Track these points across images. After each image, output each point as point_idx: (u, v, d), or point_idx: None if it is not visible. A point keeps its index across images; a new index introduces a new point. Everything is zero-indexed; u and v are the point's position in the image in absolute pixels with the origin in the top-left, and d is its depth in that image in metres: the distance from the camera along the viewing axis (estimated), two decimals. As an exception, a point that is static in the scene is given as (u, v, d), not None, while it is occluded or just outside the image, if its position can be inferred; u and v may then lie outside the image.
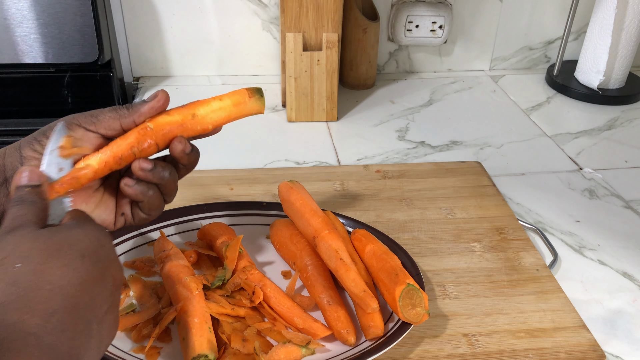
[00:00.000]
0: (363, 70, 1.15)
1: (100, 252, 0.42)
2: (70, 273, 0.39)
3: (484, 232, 0.76)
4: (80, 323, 0.38)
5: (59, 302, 0.37)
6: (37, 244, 0.39)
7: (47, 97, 1.03)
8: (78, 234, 0.42)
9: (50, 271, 0.38)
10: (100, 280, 0.41)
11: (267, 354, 0.54)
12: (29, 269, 0.38)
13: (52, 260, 0.39)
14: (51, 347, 0.36)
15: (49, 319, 0.36)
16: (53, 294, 0.37)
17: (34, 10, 0.95)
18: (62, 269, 0.39)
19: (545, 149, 0.99)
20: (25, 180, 0.45)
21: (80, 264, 0.39)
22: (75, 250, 0.40)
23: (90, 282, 0.40)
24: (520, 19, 1.22)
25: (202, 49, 1.16)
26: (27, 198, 0.44)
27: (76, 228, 0.42)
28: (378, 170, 0.88)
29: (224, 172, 0.85)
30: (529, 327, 0.62)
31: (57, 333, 0.36)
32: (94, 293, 0.40)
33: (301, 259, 0.65)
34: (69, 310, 0.38)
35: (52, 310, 0.37)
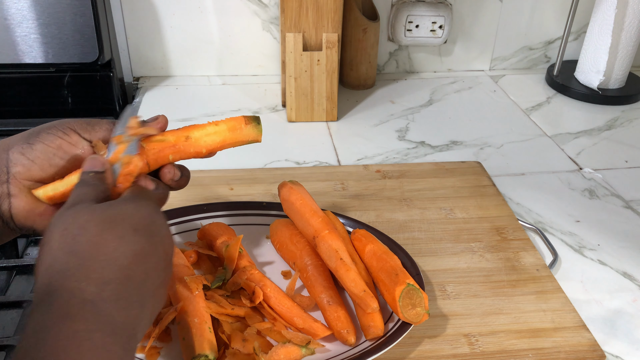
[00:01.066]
0: (363, 70, 1.15)
1: (152, 227, 0.43)
2: (124, 245, 0.40)
3: (484, 232, 0.76)
4: (135, 294, 0.40)
5: (114, 272, 0.39)
6: (93, 217, 0.41)
7: (47, 97, 1.03)
8: (131, 208, 0.43)
9: (105, 242, 0.40)
10: (153, 254, 0.42)
11: (267, 354, 0.54)
12: (86, 239, 0.40)
13: (106, 233, 0.40)
14: (107, 315, 0.37)
15: (104, 287, 0.38)
16: (107, 264, 0.39)
17: (34, 10, 0.95)
18: (115, 241, 0.40)
19: (545, 149, 0.99)
20: (90, 167, 0.48)
21: (132, 237, 0.41)
22: (128, 223, 0.42)
23: (143, 255, 0.41)
24: (520, 19, 1.22)
25: (202, 49, 1.16)
26: (89, 181, 0.47)
27: (130, 203, 0.44)
28: (378, 170, 0.88)
29: (224, 172, 0.85)
30: (529, 327, 0.62)
31: (112, 302, 0.38)
32: (147, 266, 0.41)
33: (301, 259, 0.65)
34: (123, 281, 0.39)
35: (108, 280, 0.38)
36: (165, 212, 0.70)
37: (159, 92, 1.13)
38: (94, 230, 0.40)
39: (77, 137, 0.51)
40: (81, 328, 0.36)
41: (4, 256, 0.74)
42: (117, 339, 0.37)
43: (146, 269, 0.41)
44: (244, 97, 1.12)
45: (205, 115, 1.05)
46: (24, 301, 0.63)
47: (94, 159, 0.49)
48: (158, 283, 0.43)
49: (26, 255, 0.75)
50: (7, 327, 0.62)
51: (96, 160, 0.49)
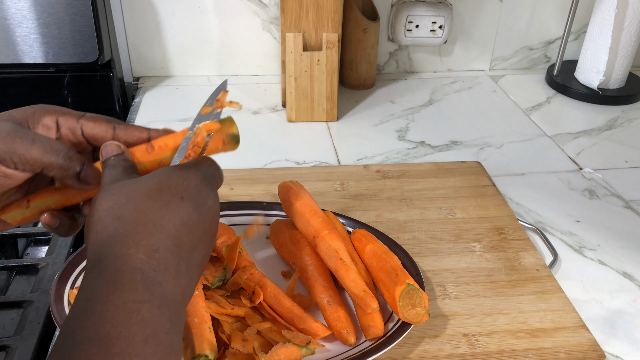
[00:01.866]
0: (363, 70, 1.15)
1: (198, 198, 0.42)
2: (170, 212, 0.39)
3: (484, 232, 0.76)
4: (183, 263, 0.39)
5: (162, 239, 0.38)
6: (138, 186, 0.40)
7: (47, 97, 1.03)
8: (177, 176, 0.42)
9: (152, 210, 0.39)
10: (200, 224, 0.41)
11: (267, 354, 0.54)
12: (133, 206, 0.39)
13: (152, 200, 0.39)
14: (156, 283, 0.36)
15: (152, 254, 0.37)
16: (155, 230, 0.38)
17: (34, 10, 0.95)
18: (162, 208, 0.39)
19: (545, 149, 0.99)
20: (109, 153, 0.47)
21: (178, 205, 0.40)
22: (174, 191, 0.41)
23: (190, 224, 0.40)
24: (520, 19, 1.22)
25: (202, 49, 1.16)
26: (114, 163, 0.45)
27: (176, 171, 0.43)
28: (378, 170, 0.88)
29: (224, 172, 0.84)
30: (529, 327, 0.62)
31: (161, 270, 0.37)
32: (194, 236, 0.40)
33: (301, 259, 0.65)
34: (171, 249, 0.38)
35: (156, 247, 0.38)
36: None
37: (159, 92, 1.13)
38: (140, 198, 0.39)
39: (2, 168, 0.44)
40: (130, 299, 0.35)
41: (4, 256, 0.74)
42: (165, 310, 0.36)
43: (193, 239, 0.40)
44: (244, 97, 1.12)
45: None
46: (24, 301, 0.63)
47: (108, 145, 0.47)
48: (204, 254, 0.42)
49: (26, 255, 0.75)
50: (7, 327, 0.62)
51: (111, 146, 0.47)
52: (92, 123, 0.50)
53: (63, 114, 0.49)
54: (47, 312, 0.61)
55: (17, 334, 0.59)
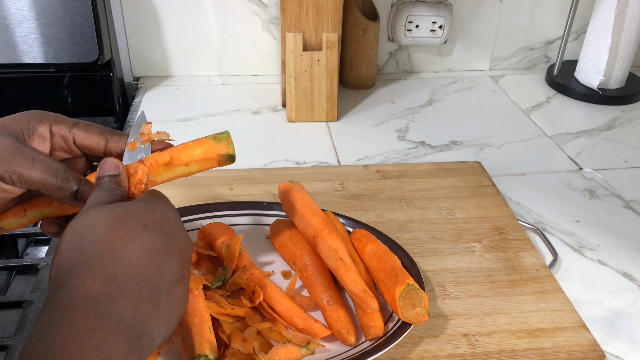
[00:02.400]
0: (363, 70, 1.15)
1: (164, 224, 0.42)
2: (132, 241, 0.40)
3: (484, 232, 0.76)
4: (145, 291, 0.39)
5: (121, 268, 0.38)
6: (101, 216, 0.41)
7: (47, 97, 1.03)
8: (141, 206, 0.43)
9: (112, 239, 0.39)
10: (165, 250, 0.41)
11: (267, 354, 0.54)
12: (93, 237, 0.39)
13: (114, 230, 0.40)
14: (112, 311, 0.36)
15: (109, 283, 0.37)
16: (115, 260, 0.38)
17: (34, 10, 0.95)
18: (123, 237, 0.40)
19: (545, 149, 0.99)
20: (106, 170, 0.47)
21: (141, 233, 0.40)
22: (137, 220, 0.41)
23: (154, 252, 0.40)
24: (520, 19, 1.22)
25: (202, 49, 1.16)
26: (105, 185, 0.46)
27: (140, 202, 0.43)
28: (378, 170, 0.88)
29: (224, 172, 0.85)
30: (529, 327, 0.62)
31: (119, 298, 0.37)
32: (159, 262, 0.40)
33: (301, 259, 0.65)
34: (131, 277, 0.38)
35: (114, 276, 0.38)
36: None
37: (159, 92, 1.13)
38: (101, 228, 0.40)
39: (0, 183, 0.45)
40: (82, 325, 0.35)
41: (4, 256, 0.74)
42: (122, 336, 0.36)
43: (158, 265, 0.40)
44: (244, 97, 1.12)
45: (205, 115, 1.05)
46: (24, 301, 0.63)
47: (107, 162, 0.47)
48: (173, 280, 0.42)
49: (26, 255, 0.75)
50: (7, 327, 0.62)
51: (111, 163, 0.47)
52: (84, 134, 0.50)
53: (56, 121, 0.49)
54: (47, 312, 0.61)
55: (17, 334, 0.59)
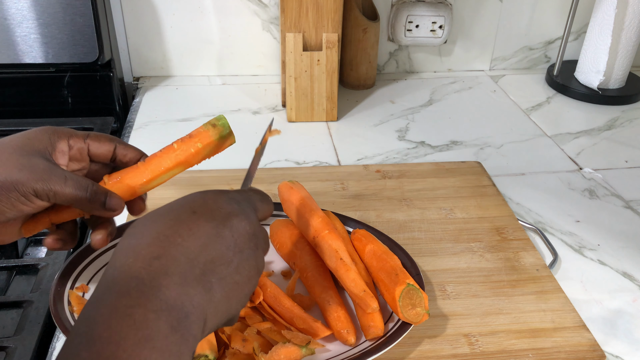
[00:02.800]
0: (363, 70, 1.15)
1: (215, 213, 0.42)
2: (178, 224, 0.40)
3: (484, 232, 0.76)
4: (191, 273, 0.39)
5: (164, 248, 0.39)
6: (157, 210, 0.42)
7: (47, 97, 1.03)
8: (195, 195, 0.43)
9: (158, 224, 0.40)
10: (214, 235, 0.41)
11: (267, 354, 0.54)
12: (143, 224, 0.41)
13: (162, 217, 0.41)
14: (153, 289, 0.36)
15: (152, 262, 0.38)
16: (159, 241, 0.39)
17: (34, 10, 0.95)
18: (170, 221, 0.41)
19: (545, 149, 0.99)
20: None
21: (189, 217, 0.41)
22: (187, 207, 0.42)
23: (202, 237, 0.40)
24: (520, 19, 1.22)
25: (202, 49, 1.16)
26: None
27: (195, 193, 0.44)
28: (378, 170, 0.88)
29: (224, 172, 0.85)
30: (529, 327, 0.62)
31: (161, 276, 0.37)
32: (207, 246, 0.40)
33: (301, 259, 0.65)
34: (176, 257, 0.39)
35: (157, 255, 0.38)
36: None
37: (159, 92, 1.13)
38: (152, 217, 0.41)
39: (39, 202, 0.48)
40: (122, 303, 0.35)
41: (4, 256, 0.74)
42: (163, 315, 0.36)
43: (206, 249, 0.40)
44: (244, 97, 1.12)
45: (205, 115, 1.05)
46: (24, 301, 0.63)
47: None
48: (228, 269, 0.41)
49: (26, 255, 0.75)
50: (7, 327, 0.62)
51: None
52: (97, 143, 0.54)
53: (72, 136, 0.53)
54: (47, 312, 0.61)
55: (17, 334, 0.59)
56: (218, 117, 0.55)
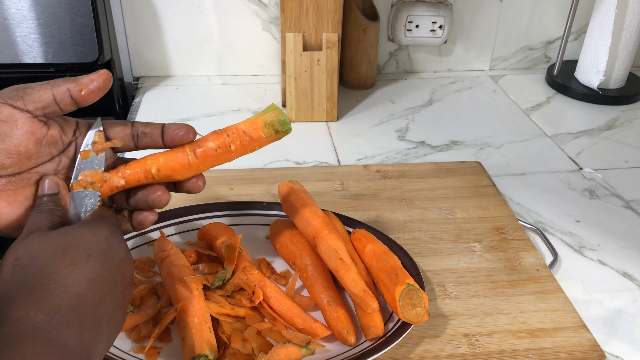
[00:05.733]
0: (363, 70, 1.15)
1: (108, 253, 0.42)
2: (76, 272, 0.40)
3: (484, 232, 0.76)
4: (88, 319, 0.39)
5: (65, 299, 0.38)
6: (45, 245, 0.41)
7: (47, 97, 1.03)
8: (86, 233, 0.43)
9: (56, 270, 0.39)
10: (109, 279, 0.41)
11: (267, 354, 0.54)
12: (35, 268, 0.39)
13: (58, 260, 0.40)
14: (57, 340, 0.37)
15: (53, 315, 0.37)
16: (58, 291, 0.38)
17: (34, 10, 0.95)
18: (67, 268, 0.40)
19: (545, 149, 0.99)
20: (45, 189, 0.47)
21: (86, 263, 0.41)
22: (81, 249, 0.41)
23: (98, 281, 0.41)
24: (520, 19, 1.22)
25: (202, 49, 1.16)
26: (44, 207, 0.46)
27: (85, 228, 0.43)
28: (378, 170, 0.88)
29: (224, 172, 0.85)
30: (529, 327, 0.62)
31: (62, 328, 0.37)
32: (102, 292, 0.41)
33: (301, 259, 0.65)
34: (75, 308, 0.39)
35: (57, 307, 0.38)
36: (164, 212, 0.71)
37: (159, 92, 1.13)
38: (45, 259, 0.40)
39: (8, 109, 0.45)
40: (29, 352, 0.35)
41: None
42: None
43: (101, 294, 0.40)
44: (244, 97, 1.12)
45: (205, 115, 1.05)
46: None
47: (47, 181, 0.47)
48: (115, 306, 0.42)
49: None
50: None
51: (50, 182, 0.47)
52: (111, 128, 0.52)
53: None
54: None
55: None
56: (281, 120, 0.52)
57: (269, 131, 0.52)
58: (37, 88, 0.46)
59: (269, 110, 0.52)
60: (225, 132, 0.52)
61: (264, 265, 0.67)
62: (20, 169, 0.47)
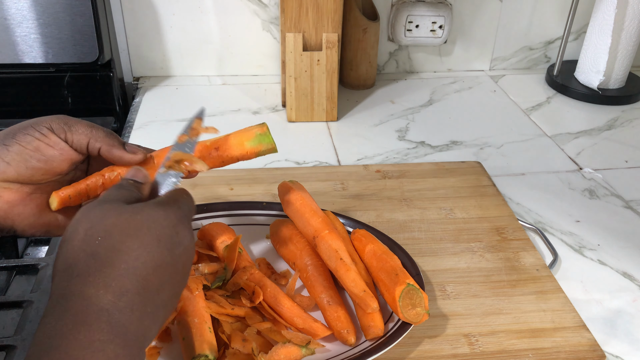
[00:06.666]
0: (363, 70, 1.15)
1: (175, 239, 0.42)
2: (145, 255, 0.40)
3: (484, 232, 0.76)
4: (149, 305, 0.40)
5: (132, 282, 0.39)
6: (119, 221, 0.41)
7: (47, 97, 1.03)
8: (159, 216, 0.43)
9: (127, 250, 0.40)
10: (172, 266, 0.42)
11: (267, 354, 0.54)
12: (109, 244, 0.39)
13: (130, 240, 0.40)
14: (121, 325, 0.37)
15: (121, 297, 0.38)
16: (127, 273, 0.39)
17: (34, 10, 0.95)
18: (138, 250, 0.40)
19: (545, 149, 0.99)
20: (132, 175, 0.48)
21: (155, 248, 0.41)
22: (153, 232, 0.41)
23: (162, 267, 0.41)
24: (520, 19, 1.22)
25: (202, 49, 1.16)
26: (126, 185, 0.47)
27: (159, 210, 0.43)
28: (378, 170, 0.88)
29: (224, 172, 0.85)
30: (529, 327, 0.62)
31: (127, 312, 0.38)
32: (164, 278, 0.41)
33: (301, 259, 0.65)
34: (140, 292, 0.39)
35: (125, 289, 0.38)
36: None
37: (159, 92, 1.13)
38: (118, 237, 0.40)
39: (55, 137, 0.50)
40: (96, 338, 0.36)
41: (4, 256, 0.74)
42: (128, 351, 0.37)
43: (162, 281, 0.41)
44: (244, 97, 1.12)
45: (205, 115, 1.05)
46: (24, 301, 0.63)
47: (138, 170, 0.49)
48: (172, 294, 0.42)
49: (26, 255, 0.75)
50: (7, 327, 0.62)
51: (140, 172, 0.49)
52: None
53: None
54: (47, 312, 0.61)
55: (17, 334, 0.59)
56: (269, 147, 0.55)
57: (256, 153, 0.56)
58: (80, 131, 0.51)
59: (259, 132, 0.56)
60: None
61: (264, 265, 0.67)
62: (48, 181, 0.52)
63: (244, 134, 0.55)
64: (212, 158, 0.54)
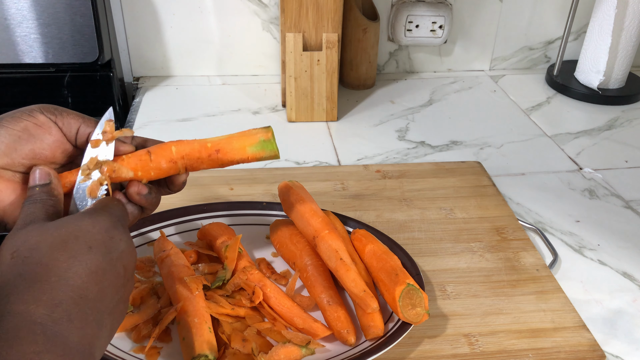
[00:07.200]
0: (363, 70, 1.15)
1: (109, 244, 0.42)
2: (76, 264, 0.39)
3: (484, 232, 0.76)
4: (90, 313, 0.39)
5: (65, 292, 0.38)
6: (44, 237, 0.40)
7: (47, 97, 1.03)
8: (87, 224, 0.42)
9: (56, 263, 0.39)
10: (110, 271, 0.41)
11: (267, 354, 0.54)
12: (35, 260, 0.39)
13: (58, 252, 0.39)
14: (59, 336, 0.36)
15: (54, 309, 0.37)
16: (59, 285, 0.38)
17: (34, 10, 0.95)
18: (68, 260, 0.39)
19: (545, 149, 0.99)
20: (36, 180, 0.46)
21: (86, 256, 0.40)
22: (82, 241, 0.40)
23: (99, 274, 0.40)
24: (520, 19, 1.22)
25: (202, 49, 1.16)
26: (37, 197, 0.45)
27: (85, 219, 0.42)
28: (378, 170, 0.88)
29: (224, 172, 0.85)
30: (529, 327, 0.62)
31: (64, 323, 0.37)
32: (103, 284, 0.40)
33: (301, 259, 0.65)
34: (77, 301, 0.38)
35: (58, 301, 0.37)
36: (164, 212, 0.71)
37: (159, 92, 1.13)
38: (45, 251, 0.39)
39: (44, 117, 0.48)
40: (30, 350, 0.34)
41: None
42: (70, 359, 0.36)
43: (102, 287, 0.40)
44: (244, 97, 1.12)
45: (205, 115, 1.05)
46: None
47: (37, 171, 0.47)
48: (117, 299, 0.42)
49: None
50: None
51: (41, 172, 0.47)
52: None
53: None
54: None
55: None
56: (271, 154, 0.53)
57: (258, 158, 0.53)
58: (71, 116, 0.49)
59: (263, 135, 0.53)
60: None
61: (264, 265, 0.67)
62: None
63: (248, 138, 0.52)
64: (211, 160, 0.52)
